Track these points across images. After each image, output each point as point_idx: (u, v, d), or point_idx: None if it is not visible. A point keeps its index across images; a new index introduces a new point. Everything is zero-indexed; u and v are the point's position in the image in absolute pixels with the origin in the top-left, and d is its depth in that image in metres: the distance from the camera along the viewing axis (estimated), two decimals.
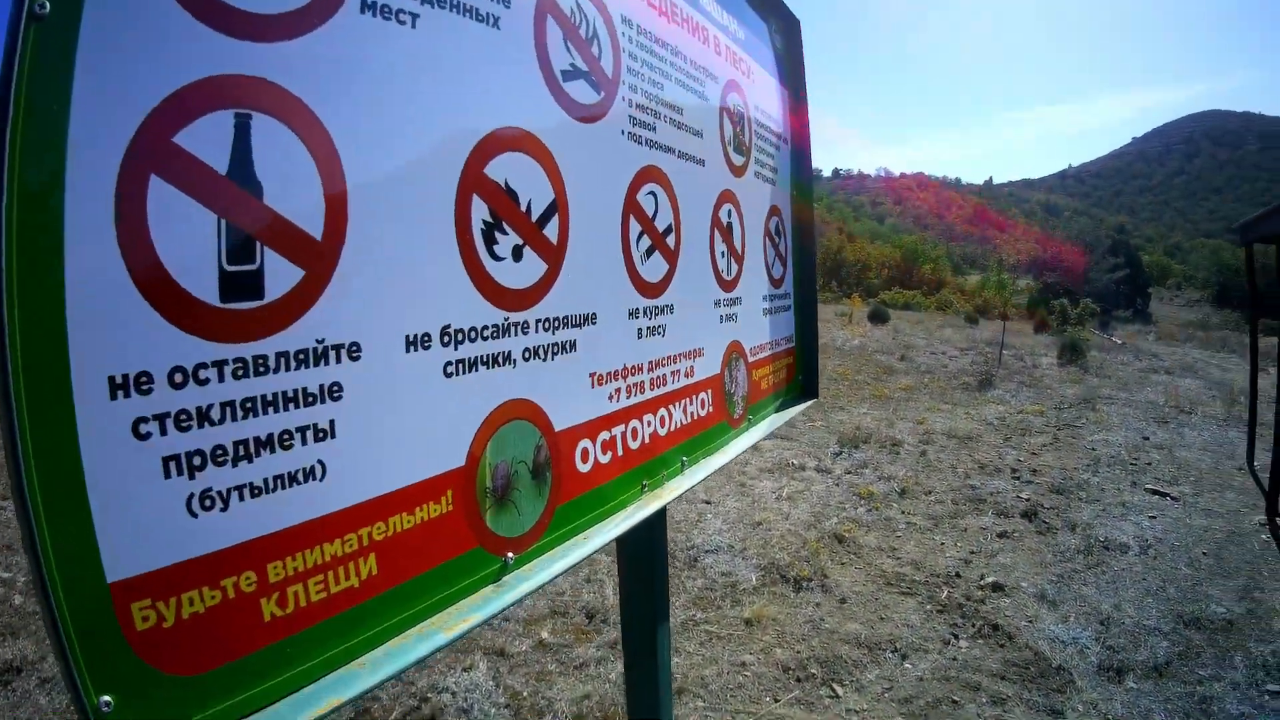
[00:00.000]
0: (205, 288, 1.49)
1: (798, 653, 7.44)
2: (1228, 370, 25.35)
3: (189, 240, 1.48)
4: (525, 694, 6.33)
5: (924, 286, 54.75)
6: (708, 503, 10.74)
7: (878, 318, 32.11)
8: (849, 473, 12.52)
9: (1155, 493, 13.01)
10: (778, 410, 4.77)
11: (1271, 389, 13.32)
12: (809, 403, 5.17)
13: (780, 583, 8.73)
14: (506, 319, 2.28)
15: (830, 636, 7.77)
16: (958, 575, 9.42)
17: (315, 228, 1.69)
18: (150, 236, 1.42)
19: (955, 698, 7.00)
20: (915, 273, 62.03)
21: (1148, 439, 16.37)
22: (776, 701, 6.67)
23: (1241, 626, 8.91)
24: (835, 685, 7.02)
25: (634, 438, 3.03)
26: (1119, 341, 31.18)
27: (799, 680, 7.04)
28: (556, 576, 2.46)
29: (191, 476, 1.47)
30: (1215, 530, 11.59)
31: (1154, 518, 11.82)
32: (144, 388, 1.40)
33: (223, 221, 1.52)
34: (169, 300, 1.44)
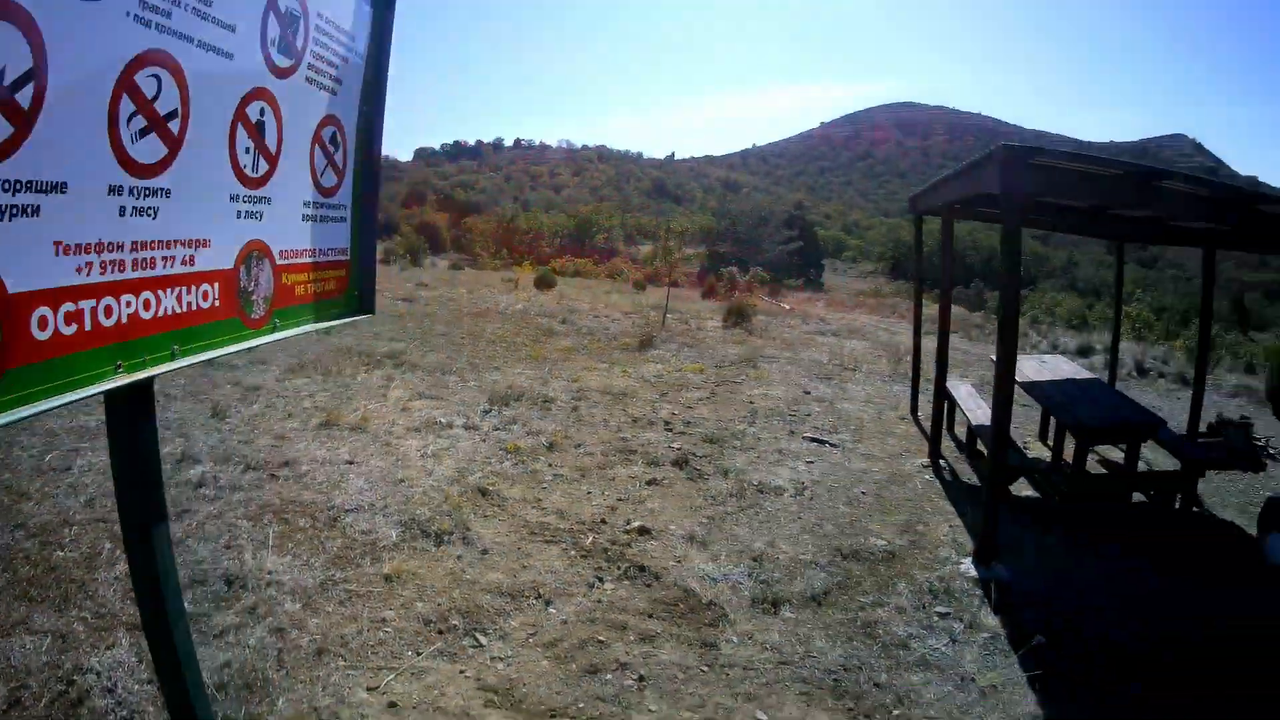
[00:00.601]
0: None
1: (439, 605, 7.42)
2: (896, 334, 26.60)
3: None
4: None
5: (596, 255, 55.63)
6: (351, 463, 10.56)
7: (544, 283, 32.36)
8: (497, 429, 12.55)
9: (814, 440, 13.57)
10: (323, 319, 4.83)
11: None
12: (362, 316, 5.26)
13: (421, 538, 8.68)
14: None
15: (472, 587, 7.79)
16: (604, 521, 9.59)
17: None
18: None
19: (601, 638, 7.13)
20: (588, 242, 63.03)
21: (809, 393, 17.03)
22: (419, 655, 6.65)
23: (904, 557, 9.43)
24: (479, 635, 7.05)
25: (108, 315, 2.98)
26: (787, 307, 32.32)
27: (441, 633, 7.03)
28: None
29: None
30: (875, 473, 12.22)
31: (811, 463, 12.35)
32: None
33: None
34: None
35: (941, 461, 13.12)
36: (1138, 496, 12.10)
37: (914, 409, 16.20)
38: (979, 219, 16.20)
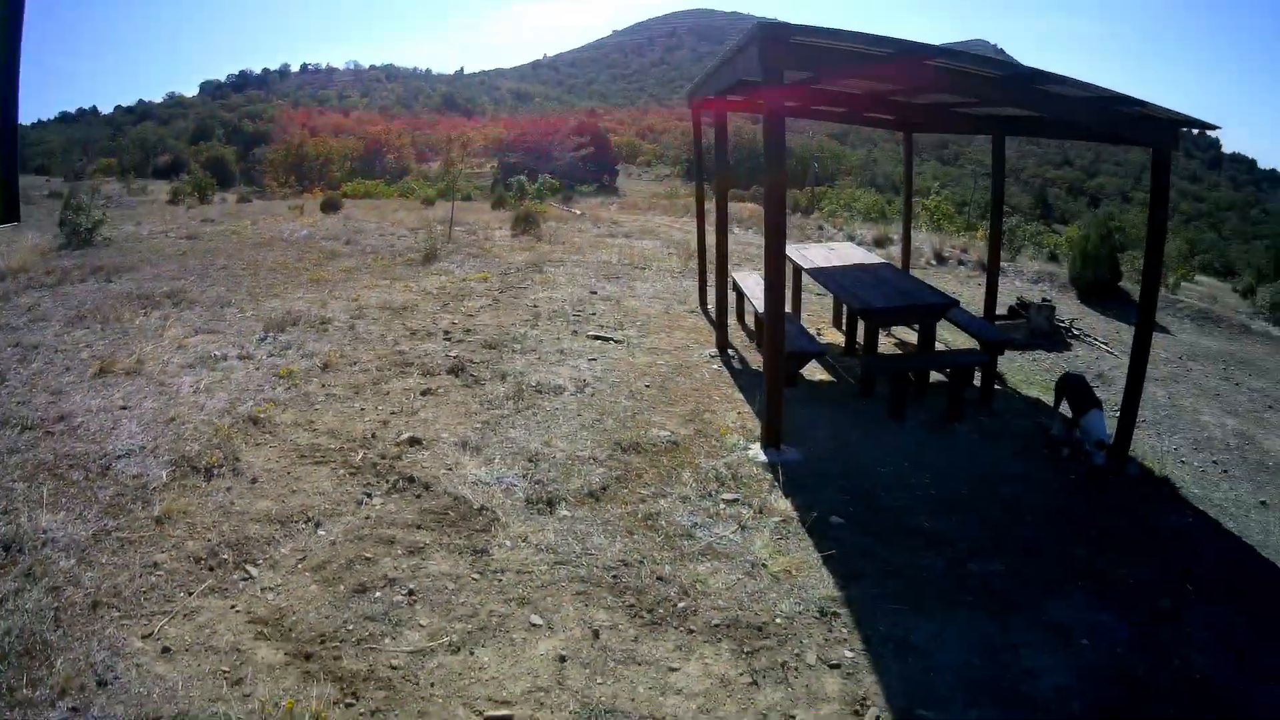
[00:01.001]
0: None
1: (209, 541, 7.24)
2: (689, 232, 26.08)
3: None
4: None
5: (387, 175, 54.82)
6: (124, 408, 10.14)
7: (330, 207, 31.57)
8: (272, 355, 12.19)
9: (598, 338, 13.54)
10: None
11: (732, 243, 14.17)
12: (8, 225, 5.05)
13: (191, 474, 8.41)
14: None
15: (241, 519, 7.61)
16: (374, 436, 9.44)
17: None
18: None
19: (369, 555, 7.05)
20: (378, 162, 62.07)
21: (595, 293, 16.92)
22: (191, 595, 6.48)
23: (689, 446, 9.48)
24: (249, 566, 6.92)
25: None
26: (579, 213, 32.02)
27: (211, 569, 6.86)
28: None
29: None
30: (661, 365, 12.28)
31: (594, 360, 12.32)
32: None
33: None
34: None
35: (731, 351, 13.23)
36: (938, 378, 12.23)
37: (703, 302, 16.32)
38: (758, 110, 16.16)
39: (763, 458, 9.19)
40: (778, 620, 6.49)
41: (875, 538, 7.78)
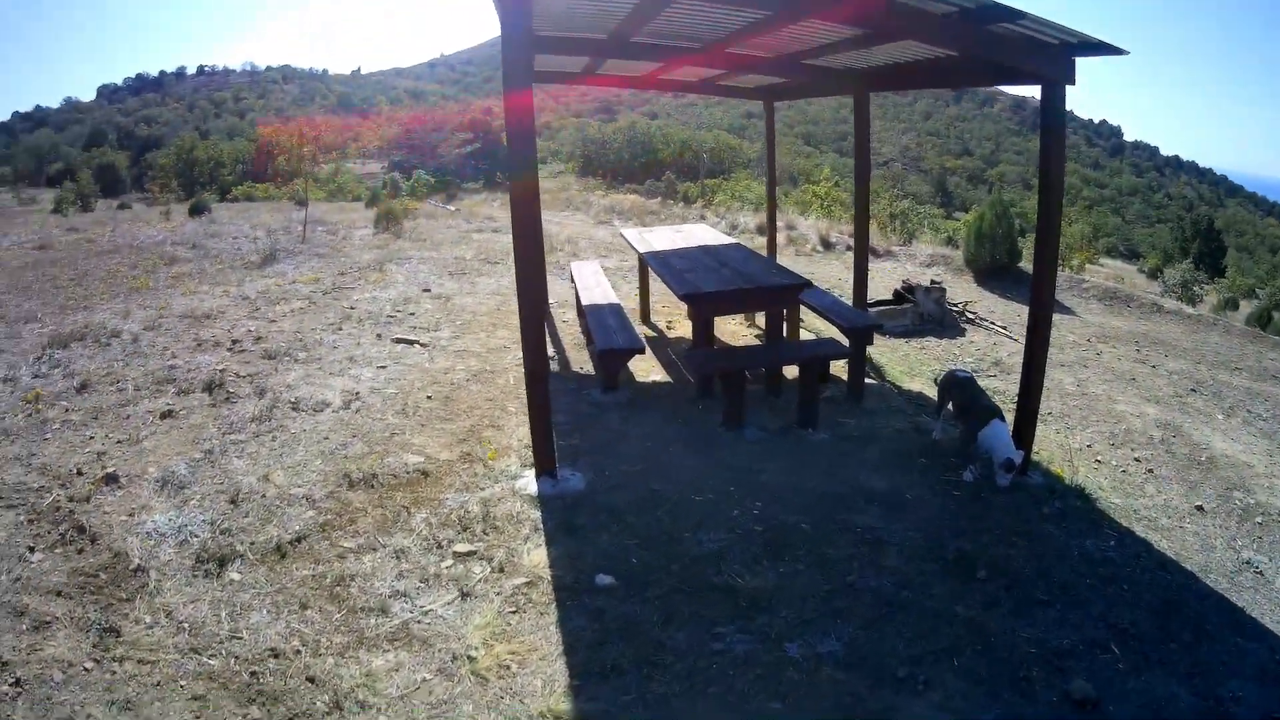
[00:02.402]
0: None
1: None
2: (563, 225, 25.85)
3: None
4: None
5: (279, 178, 53.33)
6: None
7: (197, 211, 30.22)
8: (37, 376, 10.58)
9: (403, 341, 12.17)
10: None
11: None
12: None
13: None
14: None
15: None
16: (79, 472, 7.82)
17: None
18: None
19: None
20: (270, 165, 60.57)
21: (429, 290, 15.68)
22: None
23: (443, 475, 8.03)
24: None
25: None
26: (453, 209, 31.26)
27: None
28: None
29: None
30: (460, 370, 10.98)
31: (384, 368, 10.95)
32: None
33: None
34: None
35: (553, 351, 11.85)
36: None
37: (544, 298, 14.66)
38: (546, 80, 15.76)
39: (533, 489, 7.44)
40: None
41: (656, 605, 5.87)
